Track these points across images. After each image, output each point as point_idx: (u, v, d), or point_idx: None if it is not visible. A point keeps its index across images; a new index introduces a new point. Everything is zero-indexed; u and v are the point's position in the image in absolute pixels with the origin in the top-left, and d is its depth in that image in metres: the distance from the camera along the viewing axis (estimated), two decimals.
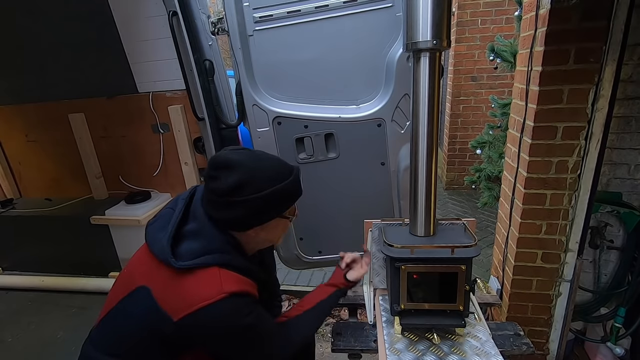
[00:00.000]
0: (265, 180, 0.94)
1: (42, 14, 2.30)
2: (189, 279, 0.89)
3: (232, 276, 0.92)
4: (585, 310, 1.83)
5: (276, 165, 1.00)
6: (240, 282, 0.93)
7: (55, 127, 2.77)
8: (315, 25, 1.59)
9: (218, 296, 0.87)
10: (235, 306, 0.90)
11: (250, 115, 1.72)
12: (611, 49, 1.38)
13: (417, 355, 1.15)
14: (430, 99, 1.12)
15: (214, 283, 0.89)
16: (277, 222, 1.02)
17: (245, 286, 0.94)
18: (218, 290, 0.88)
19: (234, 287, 0.90)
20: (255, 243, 1.05)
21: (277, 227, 1.04)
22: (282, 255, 2.01)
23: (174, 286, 0.90)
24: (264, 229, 1.00)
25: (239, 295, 0.91)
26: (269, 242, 1.09)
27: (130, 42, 2.28)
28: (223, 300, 0.88)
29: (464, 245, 1.10)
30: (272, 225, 1.01)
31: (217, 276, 0.90)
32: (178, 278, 0.90)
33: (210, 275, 0.90)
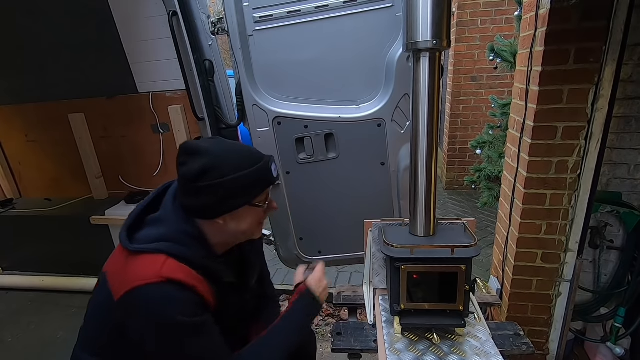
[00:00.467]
0: (231, 166, 0.92)
1: (42, 14, 2.30)
2: (135, 261, 0.89)
3: (178, 266, 0.88)
4: (585, 310, 1.83)
5: (245, 152, 0.98)
6: (186, 275, 0.89)
7: (55, 127, 2.77)
8: (315, 25, 1.59)
9: (153, 279, 0.85)
10: (170, 295, 0.86)
11: (250, 115, 1.72)
12: (611, 49, 1.38)
13: (417, 355, 1.15)
14: (430, 99, 1.12)
15: (154, 266, 0.86)
16: (247, 211, 0.97)
17: (191, 280, 0.89)
18: (155, 274, 0.85)
19: (175, 275, 0.87)
20: (228, 235, 1.00)
21: (247, 216, 0.98)
22: (282, 255, 2.01)
23: (122, 268, 0.91)
24: (234, 218, 0.96)
25: (178, 286, 0.87)
26: (241, 234, 1.02)
27: (130, 42, 2.28)
28: (157, 284, 0.85)
29: (464, 245, 1.10)
30: (241, 215, 0.97)
31: (161, 262, 0.87)
32: (127, 260, 0.90)
33: (154, 260, 0.88)
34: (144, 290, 0.85)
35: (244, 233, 1.02)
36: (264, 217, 1.05)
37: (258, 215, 1.02)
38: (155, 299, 0.85)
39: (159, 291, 0.85)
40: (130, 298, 0.86)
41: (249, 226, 1.01)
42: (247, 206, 0.96)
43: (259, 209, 1.00)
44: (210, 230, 0.97)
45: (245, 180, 0.93)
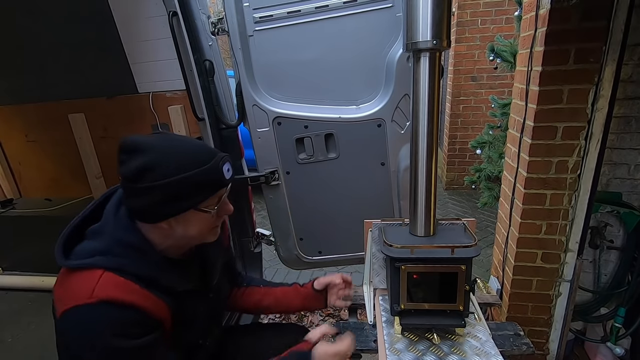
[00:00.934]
0: (174, 166, 0.82)
1: (42, 14, 2.30)
2: (71, 279, 0.81)
3: (115, 283, 0.79)
4: (585, 310, 1.84)
5: (193, 150, 0.87)
6: (124, 291, 0.80)
7: (55, 127, 2.76)
8: (315, 26, 1.59)
9: (85, 300, 0.76)
10: (102, 317, 0.77)
11: (250, 115, 1.72)
12: (611, 49, 1.38)
13: (417, 355, 1.15)
14: (430, 99, 1.12)
15: (88, 285, 0.78)
16: (194, 215, 0.87)
17: (130, 297, 0.80)
18: (87, 293, 0.77)
19: (110, 293, 0.78)
20: (175, 239, 0.91)
21: (195, 221, 0.89)
22: (282, 255, 2.01)
23: (60, 286, 0.84)
24: (179, 223, 0.87)
25: (113, 305, 0.77)
26: (190, 238, 0.93)
27: (130, 42, 2.28)
28: (89, 305, 0.76)
29: (464, 245, 1.10)
30: (188, 219, 0.87)
31: (96, 279, 0.78)
32: (64, 277, 0.83)
33: (88, 277, 0.79)
34: (74, 312, 0.77)
35: (194, 238, 0.93)
36: (216, 221, 0.95)
37: (208, 220, 0.91)
38: (87, 321, 0.77)
39: (91, 313, 0.77)
40: (63, 321, 0.79)
41: (198, 231, 0.91)
42: (193, 210, 0.87)
43: (207, 214, 0.89)
44: (156, 235, 0.89)
45: (190, 182, 0.83)
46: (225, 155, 0.92)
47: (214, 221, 0.93)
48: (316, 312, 2.67)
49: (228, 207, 0.96)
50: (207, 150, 0.91)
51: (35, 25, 2.35)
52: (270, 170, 1.79)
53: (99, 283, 0.78)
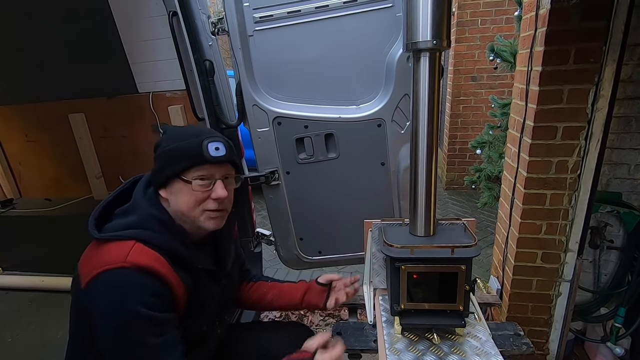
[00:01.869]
0: (170, 139, 0.99)
1: (42, 14, 2.30)
2: (104, 248, 0.88)
3: (146, 252, 0.88)
4: (585, 310, 1.83)
5: (189, 130, 1.05)
6: (154, 261, 0.88)
7: (55, 127, 2.76)
8: (315, 26, 1.59)
9: (118, 264, 0.84)
10: (134, 281, 0.84)
11: (250, 115, 1.72)
12: (611, 49, 1.38)
13: (417, 355, 1.15)
14: (430, 99, 1.12)
15: (121, 252, 0.86)
16: (178, 185, 0.96)
17: (159, 267, 0.87)
18: (121, 258, 0.84)
19: (143, 260, 0.86)
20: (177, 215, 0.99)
21: (180, 193, 0.97)
22: (282, 255, 2.01)
23: (90, 256, 0.91)
24: (170, 193, 0.98)
25: (145, 272, 0.85)
26: (183, 214, 0.98)
27: (130, 42, 2.28)
28: (122, 269, 0.83)
29: (464, 245, 1.10)
30: (175, 190, 0.97)
31: (129, 247, 0.86)
32: (97, 248, 0.90)
33: (122, 246, 0.87)
34: (107, 275, 0.84)
35: (185, 214, 0.98)
36: (200, 198, 0.98)
37: (192, 194, 0.97)
38: (119, 283, 0.84)
39: (124, 276, 0.84)
40: (94, 283, 0.84)
41: (186, 205, 0.97)
42: (179, 180, 0.96)
43: (189, 185, 0.96)
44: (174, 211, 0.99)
45: (174, 151, 0.97)
46: (216, 136, 1.00)
47: (197, 197, 0.98)
48: (316, 312, 2.67)
49: (217, 190, 0.99)
50: (201, 130, 1.03)
51: (35, 25, 2.35)
52: (270, 170, 1.79)
53: (132, 251, 0.86)
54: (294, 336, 1.28)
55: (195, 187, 0.96)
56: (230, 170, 1.05)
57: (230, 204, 1.07)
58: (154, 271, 0.86)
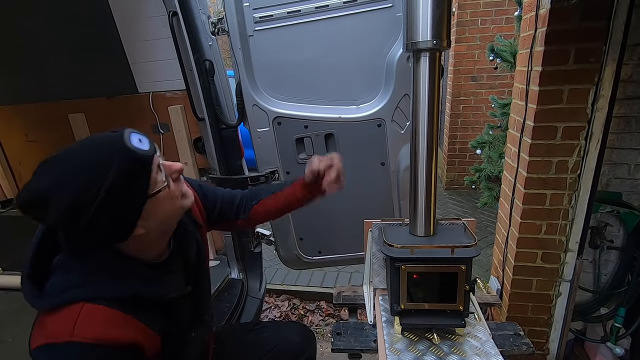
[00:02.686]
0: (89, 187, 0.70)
1: (42, 14, 2.30)
2: (50, 317, 0.73)
3: (97, 316, 0.73)
4: (585, 310, 1.84)
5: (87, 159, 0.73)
6: (108, 324, 0.73)
7: (55, 127, 2.76)
8: (315, 26, 1.59)
9: (65, 338, 0.70)
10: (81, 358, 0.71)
11: (250, 115, 1.71)
12: (611, 49, 1.38)
13: (417, 355, 1.15)
14: (430, 99, 1.12)
15: (68, 321, 0.71)
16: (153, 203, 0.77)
17: (114, 332, 0.74)
18: (68, 331, 0.70)
19: (91, 332, 0.71)
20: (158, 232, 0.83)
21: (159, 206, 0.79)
22: (282, 255, 2.01)
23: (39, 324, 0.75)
24: (149, 218, 0.78)
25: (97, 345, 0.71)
26: (171, 218, 0.85)
27: (130, 42, 2.28)
28: (70, 344, 0.70)
29: (464, 245, 1.10)
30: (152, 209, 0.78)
31: (76, 315, 0.71)
32: (43, 316, 0.75)
33: (69, 313, 0.72)
34: (51, 350, 0.71)
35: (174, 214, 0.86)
36: (175, 188, 0.84)
37: (169, 195, 0.81)
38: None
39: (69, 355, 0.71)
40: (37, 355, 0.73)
41: (172, 207, 0.83)
42: (150, 200, 0.77)
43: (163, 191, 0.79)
44: (137, 244, 0.80)
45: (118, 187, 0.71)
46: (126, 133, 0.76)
47: (174, 190, 0.84)
48: (316, 312, 2.67)
49: (172, 166, 0.84)
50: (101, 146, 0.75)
51: (35, 25, 2.35)
52: (270, 170, 1.79)
53: (80, 319, 0.71)
54: (294, 336, 1.28)
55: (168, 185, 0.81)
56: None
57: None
58: (107, 341, 0.73)
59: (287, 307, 2.74)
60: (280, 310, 2.70)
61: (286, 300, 2.80)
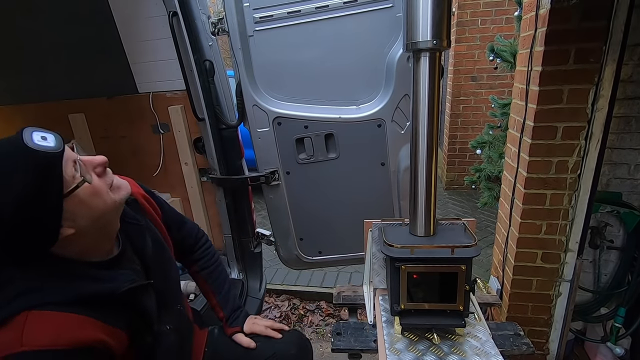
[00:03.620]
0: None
1: (42, 14, 2.30)
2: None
3: (44, 323, 0.70)
4: (585, 310, 1.84)
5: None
6: (57, 330, 0.70)
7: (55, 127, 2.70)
8: (315, 26, 1.59)
9: (17, 348, 0.67)
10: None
11: (250, 115, 1.71)
12: (611, 49, 1.39)
13: (417, 355, 1.15)
14: (430, 99, 1.12)
15: (14, 334, 0.68)
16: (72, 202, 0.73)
17: (65, 335, 0.71)
18: (17, 342, 0.67)
19: (39, 341, 0.68)
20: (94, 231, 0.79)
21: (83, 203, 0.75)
22: (282, 256, 2.01)
23: None
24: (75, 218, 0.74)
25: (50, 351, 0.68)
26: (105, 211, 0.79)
27: (130, 42, 2.28)
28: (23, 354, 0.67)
29: (464, 245, 1.10)
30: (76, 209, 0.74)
31: (21, 325, 0.68)
32: None
33: (13, 326, 0.69)
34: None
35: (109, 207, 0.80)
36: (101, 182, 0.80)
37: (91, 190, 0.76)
38: None
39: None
40: None
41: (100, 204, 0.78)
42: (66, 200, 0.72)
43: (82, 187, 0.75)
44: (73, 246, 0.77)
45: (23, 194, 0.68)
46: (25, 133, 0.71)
47: (98, 185, 0.79)
48: (316, 312, 2.67)
49: (93, 161, 0.80)
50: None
51: (35, 25, 2.35)
52: (270, 170, 1.79)
53: (26, 328, 0.68)
54: (289, 341, 1.27)
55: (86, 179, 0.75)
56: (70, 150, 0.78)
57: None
58: (62, 346, 0.70)
59: (287, 307, 2.74)
60: (280, 310, 2.70)
61: (286, 300, 2.80)
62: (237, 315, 1.27)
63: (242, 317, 1.27)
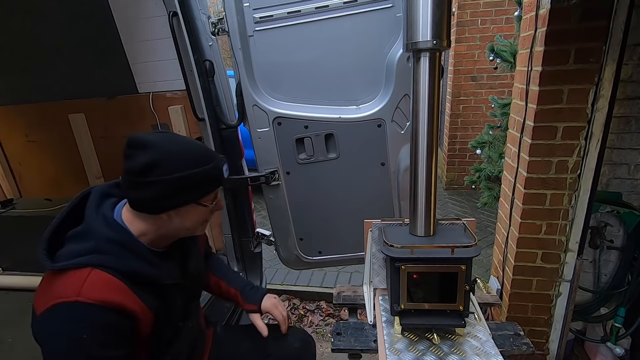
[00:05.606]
0: (179, 163, 0.88)
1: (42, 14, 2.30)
2: (58, 278, 0.82)
3: (103, 281, 0.81)
4: (585, 310, 1.84)
5: (197, 150, 0.94)
6: (112, 290, 0.82)
7: (55, 127, 2.76)
8: (315, 26, 1.59)
9: (72, 297, 0.77)
10: (85, 317, 0.78)
11: (250, 115, 1.72)
12: (611, 49, 1.38)
13: (417, 355, 1.15)
14: (430, 99, 1.12)
15: (76, 283, 0.79)
16: (193, 208, 0.94)
17: (117, 297, 0.82)
18: (74, 292, 0.78)
19: (97, 294, 0.79)
20: (169, 230, 0.95)
21: (192, 214, 0.95)
22: (282, 256, 2.01)
23: (45, 286, 0.83)
24: (179, 214, 0.92)
25: (98, 307, 0.78)
26: (185, 230, 0.97)
27: (130, 42, 2.28)
28: (76, 303, 0.77)
29: (464, 245, 1.10)
30: (187, 212, 0.93)
31: (84, 277, 0.80)
32: (51, 278, 0.83)
33: (76, 276, 0.80)
34: (59, 309, 0.78)
35: (187, 229, 0.98)
36: (209, 216, 1.01)
37: (204, 214, 0.98)
38: (70, 319, 0.78)
39: (76, 312, 0.78)
40: (46, 316, 0.79)
41: (193, 224, 0.97)
42: (194, 204, 0.93)
43: (205, 208, 0.96)
44: (149, 227, 0.92)
45: (194, 179, 0.90)
46: (224, 157, 1.00)
47: (207, 215, 1.00)
48: (316, 312, 2.67)
49: (220, 203, 1.04)
50: (209, 151, 1.00)
51: (36, 25, 2.35)
52: (270, 170, 1.79)
53: (87, 282, 0.80)
54: (293, 339, 1.28)
55: (210, 209, 0.98)
56: None
57: None
58: (111, 305, 0.80)
59: (287, 307, 2.74)
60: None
61: (286, 300, 2.80)
62: (250, 290, 1.30)
63: (258, 294, 1.30)
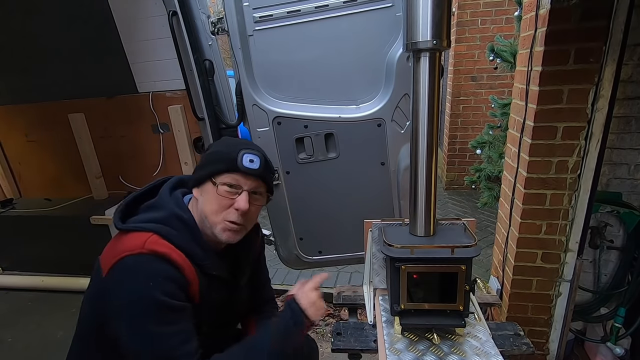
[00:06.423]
0: (219, 144, 1.09)
1: (42, 14, 2.30)
2: (124, 238, 0.93)
3: (163, 243, 0.91)
4: (585, 310, 1.84)
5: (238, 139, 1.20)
6: (171, 250, 0.91)
7: (55, 127, 2.77)
8: (315, 25, 1.59)
9: (137, 250, 0.88)
10: (153, 268, 0.88)
11: (250, 115, 1.71)
12: (611, 49, 1.38)
13: (417, 355, 1.14)
14: (430, 99, 1.12)
15: (139, 240, 0.90)
16: (209, 187, 1.00)
17: (176, 257, 0.91)
18: (139, 246, 0.88)
19: (160, 248, 0.90)
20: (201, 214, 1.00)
21: (209, 193, 1.00)
22: (282, 256, 2.01)
23: (112, 246, 0.95)
24: (202, 193, 1.01)
25: (161, 259, 0.89)
26: (207, 215, 1.00)
27: (130, 42, 2.28)
28: (141, 255, 0.88)
29: (464, 245, 1.10)
30: (206, 191, 1.01)
31: (147, 237, 0.91)
32: (117, 239, 0.95)
33: (141, 236, 0.91)
34: (126, 261, 0.88)
35: (207, 217, 1.00)
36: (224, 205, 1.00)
37: (216, 198, 0.99)
38: (136, 269, 0.88)
39: (141, 261, 0.88)
40: (113, 270, 0.88)
41: (210, 209, 0.99)
42: (209, 181, 1.00)
43: (216, 188, 0.99)
44: (195, 208, 1.02)
45: (213, 155, 1.03)
46: (254, 149, 1.03)
47: (223, 204, 1.00)
48: None
49: (240, 200, 1.00)
50: (246, 142, 1.08)
51: (36, 25, 2.36)
52: None
53: (150, 239, 0.90)
54: None
55: (221, 191, 0.99)
56: (260, 186, 1.05)
57: (251, 222, 1.07)
58: (171, 259, 0.90)
59: None
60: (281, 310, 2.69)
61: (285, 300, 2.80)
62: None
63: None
